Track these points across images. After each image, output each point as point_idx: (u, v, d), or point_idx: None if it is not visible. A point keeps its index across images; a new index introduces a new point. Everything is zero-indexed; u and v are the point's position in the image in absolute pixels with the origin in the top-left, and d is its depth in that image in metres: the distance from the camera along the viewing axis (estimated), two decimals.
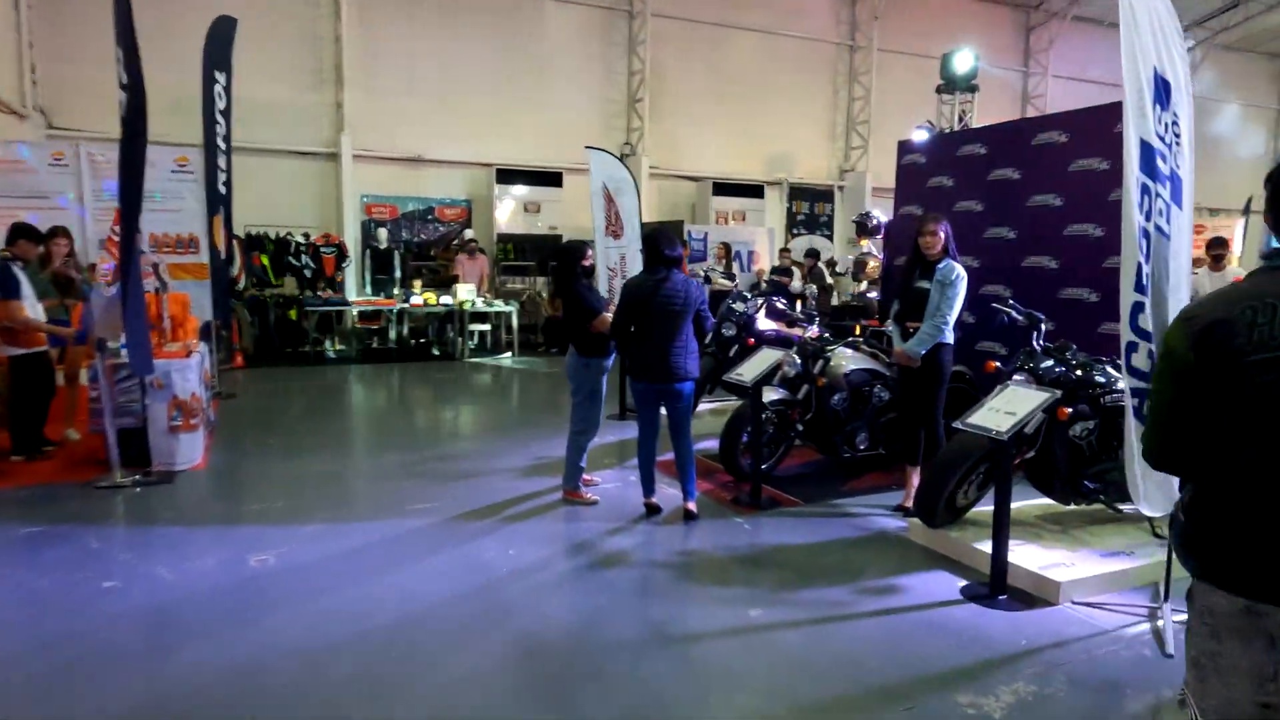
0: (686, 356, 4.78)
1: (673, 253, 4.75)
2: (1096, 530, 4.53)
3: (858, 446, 5.93)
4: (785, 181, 16.86)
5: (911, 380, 5.09)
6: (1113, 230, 5.79)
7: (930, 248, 4.95)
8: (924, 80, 17.76)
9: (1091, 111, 6.16)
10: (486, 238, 14.22)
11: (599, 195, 7.98)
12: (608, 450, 6.70)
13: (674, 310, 4.69)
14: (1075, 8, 19.12)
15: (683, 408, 4.88)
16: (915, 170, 7.47)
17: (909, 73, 17.73)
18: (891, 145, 17.55)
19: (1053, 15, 19.30)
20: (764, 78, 16.51)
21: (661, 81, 15.60)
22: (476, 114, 14.26)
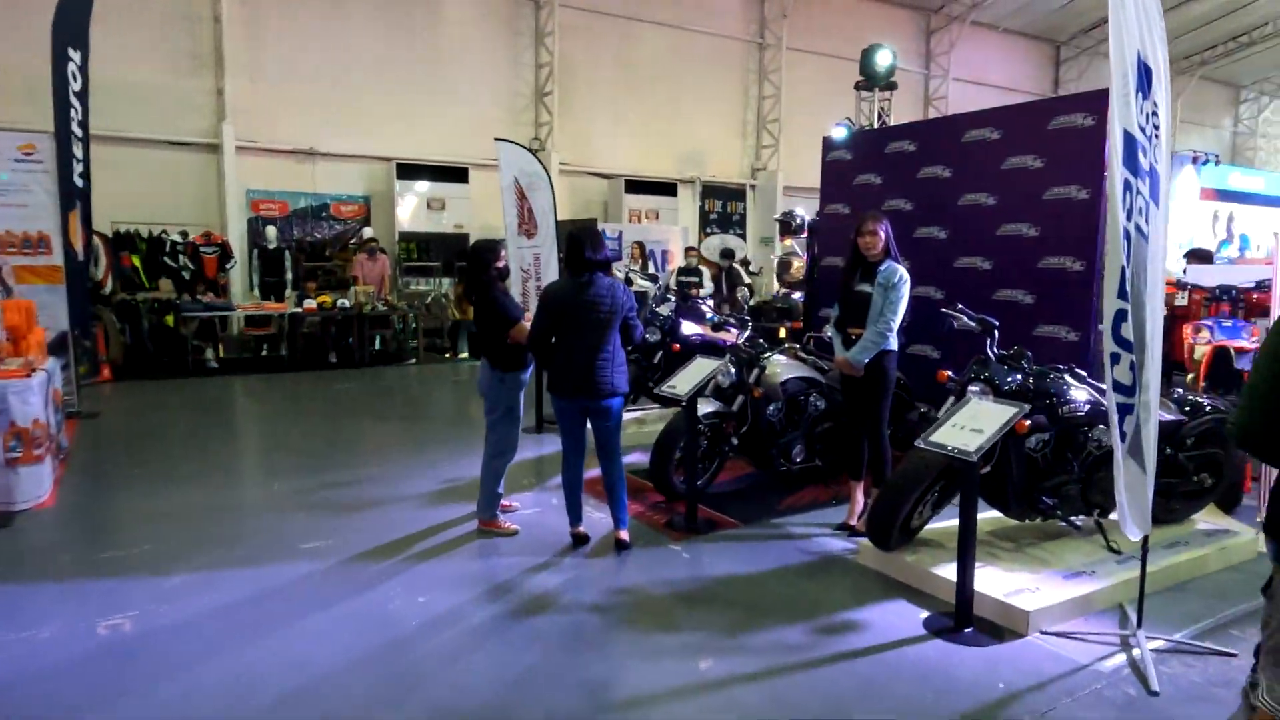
0: (614, 369, 4.30)
1: (598, 255, 4.27)
2: (1052, 547, 4.29)
3: (794, 459, 5.59)
4: (698, 180, 16.61)
5: (854, 390, 4.77)
6: (1047, 230, 5.65)
7: (870, 248, 4.64)
8: (833, 80, 17.85)
9: (1025, 108, 6.01)
10: (387, 236, 13.37)
11: (510, 191, 7.40)
12: (525, 468, 6.16)
13: (599, 317, 4.21)
14: (974, 12, 19.61)
15: (611, 426, 4.40)
16: (841, 167, 7.21)
17: (818, 72, 17.78)
18: (802, 144, 17.66)
19: (953, 19, 19.73)
20: (675, 74, 16.20)
21: (570, 75, 15.06)
22: (375, 105, 13.38)
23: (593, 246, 4.25)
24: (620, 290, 4.28)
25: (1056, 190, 5.55)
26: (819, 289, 7.63)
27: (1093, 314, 5.49)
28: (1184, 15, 20.62)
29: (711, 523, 4.96)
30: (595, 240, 4.29)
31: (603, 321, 4.21)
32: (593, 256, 4.23)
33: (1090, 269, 5.42)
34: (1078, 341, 5.47)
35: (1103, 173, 5.37)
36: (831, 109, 17.67)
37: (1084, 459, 4.17)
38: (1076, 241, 5.47)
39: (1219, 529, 4.63)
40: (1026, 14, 20.68)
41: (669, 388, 4.82)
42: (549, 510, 5.18)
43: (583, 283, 4.22)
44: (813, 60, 17.72)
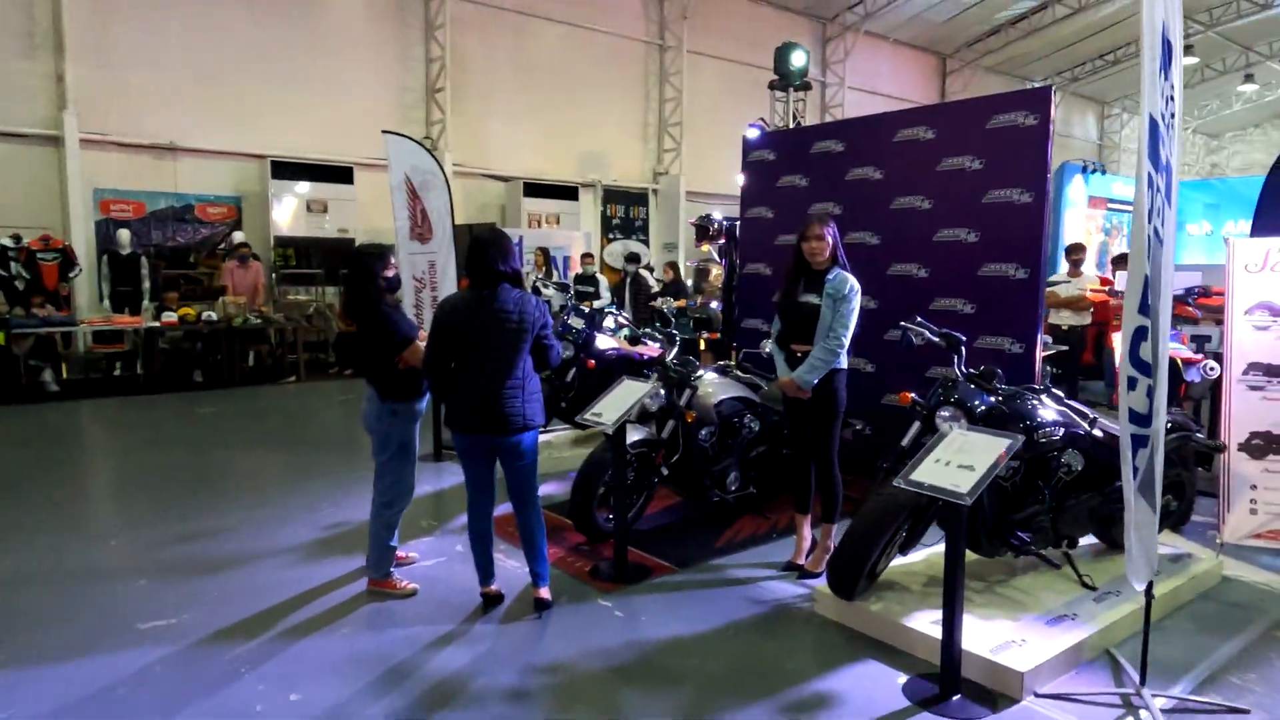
0: (525, 398, 3.62)
1: (508, 265, 3.59)
2: (1023, 585, 3.89)
3: (729, 488, 5.05)
4: (599, 183, 16.02)
5: (800, 414, 4.25)
6: (988, 235, 5.33)
7: (816, 255, 4.14)
8: (734, 85, 17.65)
9: (961, 106, 5.70)
10: (262, 241, 12.15)
11: (401, 190, 6.59)
12: (424, 507, 5.37)
13: (507, 337, 3.52)
14: (867, 22, 19.85)
15: (524, 467, 3.71)
16: (763, 168, 6.75)
17: (719, 77, 17.53)
18: (705, 149, 17.34)
19: (846, 29, 19.92)
20: (573, 73, 15.56)
21: (464, 71, 14.19)
22: (246, 97, 12.14)
23: (500, 253, 3.57)
24: (531, 304, 3.61)
25: (996, 193, 5.24)
26: (740, 297, 7.16)
27: (1037, 325, 5.20)
28: (1057, 34, 21.58)
29: (643, 568, 4.34)
30: (504, 246, 3.61)
31: (511, 342, 3.53)
32: (500, 266, 3.55)
33: (1034, 277, 5.12)
34: (1022, 354, 5.17)
35: (1046, 175, 5.08)
36: (734, 114, 17.48)
37: (1054, 486, 3.78)
38: (1019, 248, 5.16)
39: (1179, 552, 4.36)
40: (915, 26, 21.15)
41: (593, 416, 4.18)
42: (454, 560, 4.44)
43: (485, 296, 3.53)
44: (714, 64, 17.46)
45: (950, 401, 3.55)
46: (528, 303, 3.59)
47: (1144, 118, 2.40)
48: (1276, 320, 4.37)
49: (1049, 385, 3.69)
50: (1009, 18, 21.50)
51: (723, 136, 17.63)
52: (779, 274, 6.80)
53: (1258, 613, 3.87)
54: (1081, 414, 3.58)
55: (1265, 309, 4.40)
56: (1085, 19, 21.07)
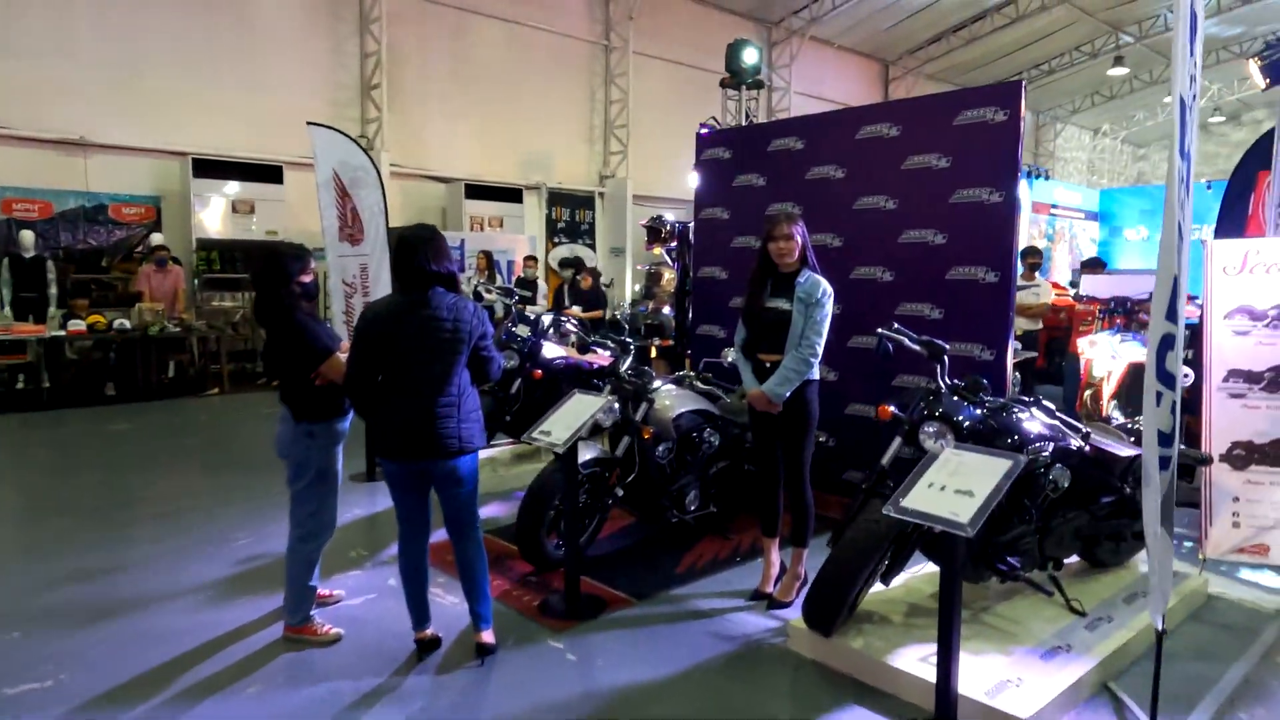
0: (462, 418, 3.18)
1: (440, 266, 3.16)
2: (1009, 612, 3.61)
3: (688, 508, 4.69)
4: (544, 186, 15.56)
5: (768, 429, 3.90)
6: (956, 237, 5.08)
7: (784, 256, 3.81)
8: (681, 88, 17.38)
9: (927, 102, 5.47)
10: (182, 244, 11.39)
11: (328, 187, 6.07)
12: (353, 533, 4.89)
13: (440, 347, 3.10)
14: (812, 27, 19.82)
15: (463, 495, 3.27)
16: (718, 167, 6.43)
17: (666, 79, 17.25)
18: (651, 152, 17.01)
19: (792, 33, 19.86)
20: (517, 73, 15.09)
21: (401, 68, 13.61)
22: (166, 90, 11.37)
23: (432, 253, 3.13)
24: (468, 310, 3.18)
25: (965, 193, 4.99)
26: (694, 302, 6.81)
27: (1009, 330, 4.97)
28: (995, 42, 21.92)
29: (598, 600, 3.93)
30: (435, 246, 3.17)
31: (444, 353, 3.10)
32: (433, 267, 3.12)
33: (1005, 280, 4.89)
34: (992, 361, 4.93)
35: (1017, 173, 4.86)
36: (681, 117, 17.19)
37: (1040, 504, 3.51)
38: (989, 250, 4.92)
39: None
40: (858, 32, 21.23)
41: (541, 434, 3.76)
42: (386, 596, 3.98)
43: (415, 301, 3.09)
44: (660, 66, 17.17)
45: (935, 416, 3.24)
46: (464, 309, 3.16)
47: (1175, 100, 2.11)
48: (1256, 325, 4.20)
49: (1039, 397, 3.42)
50: (950, 26, 21.77)
51: (670, 139, 17.35)
52: (736, 278, 6.51)
53: (1251, 636, 3.65)
54: (1074, 428, 3.30)
55: (1245, 313, 4.22)
56: (1022, 28, 21.43)
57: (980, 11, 21.08)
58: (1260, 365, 4.19)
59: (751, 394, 3.83)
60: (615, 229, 16.53)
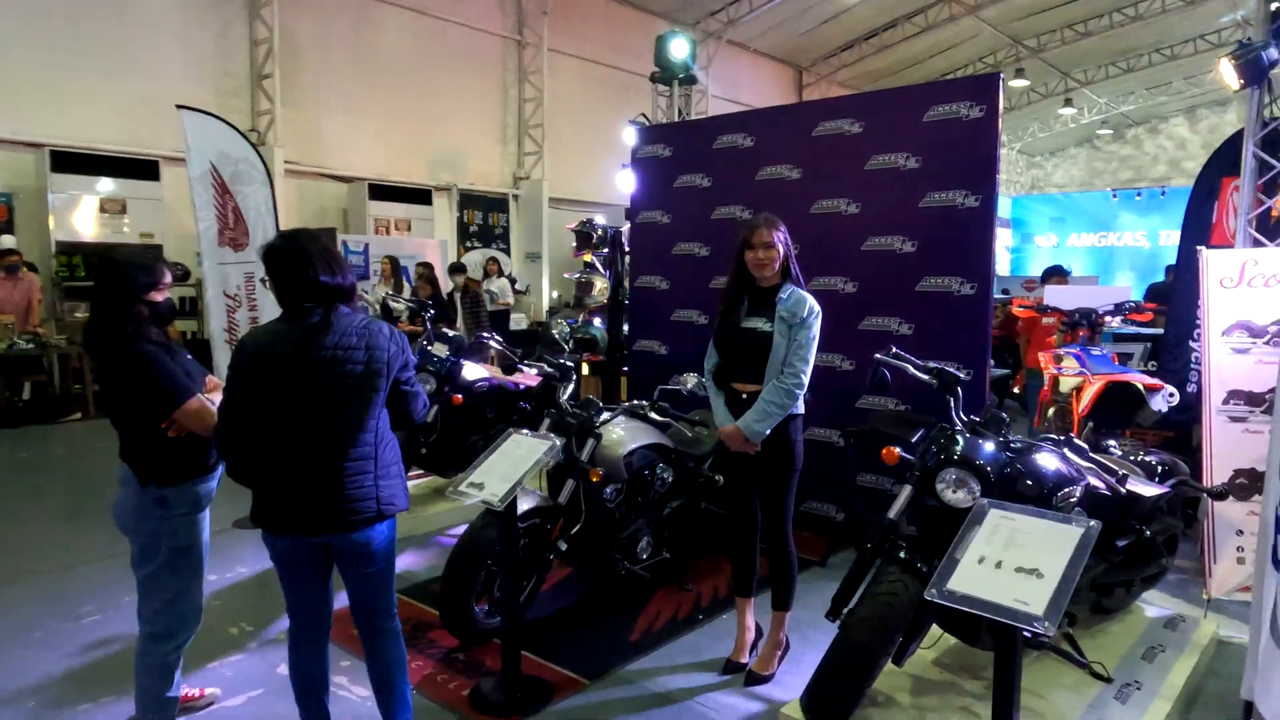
0: (380, 473, 2.45)
1: (336, 278, 2.42)
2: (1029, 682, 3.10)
3: (640, 556, 4.05)
4: (455, 187, 14.65)
5: (744, 472, 3.31)
6: (927, 244, 4.61)
7: (764, 268, 3.22)
8: (597, 88, 16.77)
9: (893, 95, 5.01)
10: (39, 248, 10.01)
11: (205, 182, 5.16)
12: (230, 601, 4.04)
13: (349, 386, 2.37)
14: (729, 30, 19.54)
15: (375, 576, 2.53)
16: (657, 166, 5.83)
17: (582, 78, 16.60)
18: (568, 153, 16.31)
19: (709, 35, 19.53)
20: (424, 67, 14.14)
21: (296, 58, 12.49)
22: (17, 73, 9.97)
23: (325, 262, 2.40)
24: (384, 335, 2.45)
25: (937, 196, 4.54)
26: (631, 315, 6.19)
27: (987, 347, 4.54)
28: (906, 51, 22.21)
29: (542, 684, 3.24)
30: (326, 252, 2.43)
31: (355, 393, 2.37)
32: (325, 278, 2.39)
33: (983, 292, 4.45)
34: (970, 381, 4.47)
35: (995, 175, 4.43)
36: (599, 118, 16.65)
37: None
38: (964, 259, 4.48)
39: (1168, 614, 3.75)
40: (773, 36, 21.14)
41: (472, 487, 3.04)
42: (276, 691, 3.18)
43: (313, 327, 2.36)
44: (576, 64, 16.51)
45: (954, 461, 2.70)
46: (378, 334, 2.43)
47: None
48: (1256, 342, 3.87)
49: (1069, 435, 2.93)
50: (862, 34, 21.94)
51: (588, 140, 16.72)
52: (679, 288, 5.92)
53: None
54: (1109, 470, 2.83)
55: (1243, 328, 3.90)
56: (931, 38, 21.75)
57: (891, 20, 21.32)
58: (1261, 386, 3.86)
59: (725, 431, 3.21)
60: (531, 233, 15.77)
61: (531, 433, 3.29)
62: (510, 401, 5.77)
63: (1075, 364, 5.14)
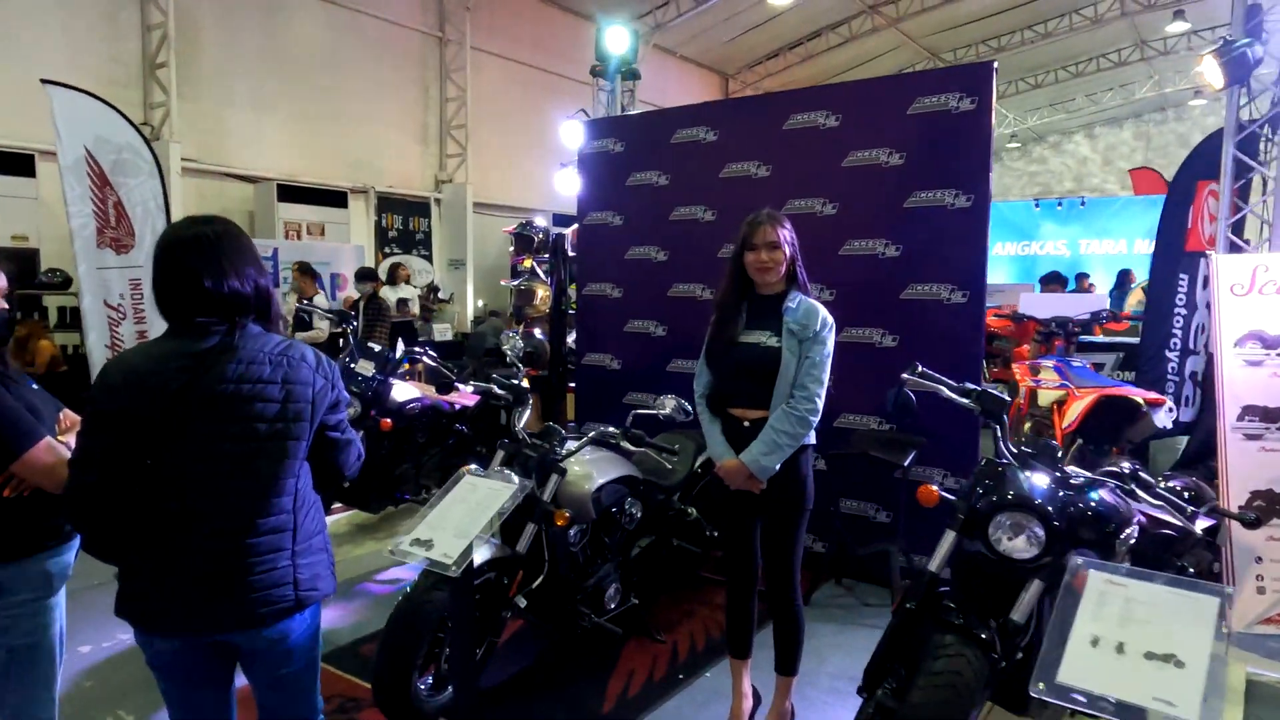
0: (300, 548, 1.83)
1: (246, 283, 1.81)
2: None
3: (608, 606, 3.50)
4: (372, 190, 13.78)
5: (745, 512, 2.80)
6: (913, 249, 4.23)
7: (767, 272, 2.74)
8: (522, 89, 16.13)
9: (874, 86, 4.64)
10: None
11: (77, 171, 4.35)
12: (107, 679, 3.29)
13: (261, 433, 1.75)
14: (656, 35, 19.14)
15: (294, 680, 1.90)
16: (607, 163, 5.30)
17: (506, 78, 15.94)
18: (494, 156, 15.59)
19: (636, 39, 19.14)
20: (338, 61, 13.26)
21: (195, 45, 11.47)
22: None
23: (230, 259, 1.79)
24: (307, 364, 1.84)
25: (923, 195, 4.16)
26: (579, 326, 5.63)
27: (979, 362, 4.17)
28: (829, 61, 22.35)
29: None
30: (233, 247, 1.82)
31: (270, 442, 1.76)
32: (229, 283, 1.77)
33: (976, 301, 4.09)
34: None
35: (988, 173, 4.07)
36: (526, 120, 16.07)
37: None
38: (955, 265, 4.11)
39: None
40: (700, 43, 20.95)
41: (417, 544, 2.44)
42: None
43: (208, 354, 1.74)
44: (500, 64, 15.84)
45: (1011, 503, 2.25)
46: (300, 362, 1.82)
47: None
48: (1270, 354, 3.60)
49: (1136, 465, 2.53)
50: (787, 43, 22.00)
51: (514, 143, 16.07)
52: (633, 297, 5.39)
53: None
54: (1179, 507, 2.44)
55: (1256, 339, 3.62)
56: (853, 49, 21.96)
57: (816, 30, 21.43)
58: (1277, 400, 3.58)
59: (725, 467, 2.70)
60: (454, 239, 15.00)
61: (487, 471, 2.71)
62: (445, 424, 5.15)
63: (1056, 376, 4.85)
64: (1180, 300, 5.08)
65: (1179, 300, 5.09)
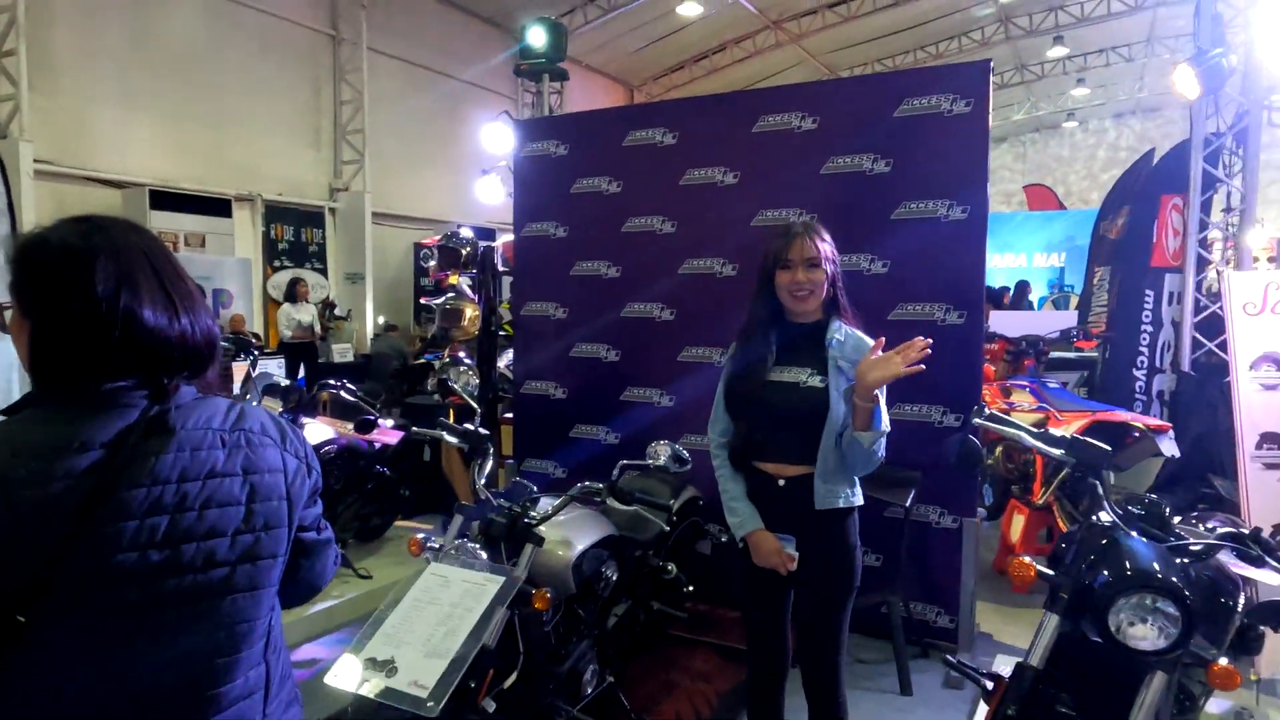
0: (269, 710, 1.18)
1: (171, 320, 1.14)
2: None
3: (585, 690, 2.92)
4: (259, 198, 12.64)
5: (775, 586, 2.28)
6: (902, 264, 3.84)
7: (803, 298, 2.24)
8: (423, 94, 15.25)
9: (858, 85, 4.27)
10: None
11: None
12: None
13: (214, 554, 1.09)
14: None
15: None
16: (549, 167, 4.72)
17: (407, 82, 15.04)
18: (395, 163, 14.71)
19: None
20: (219, 56, 12.11)
21: (49, 32, 10.17)
22: None
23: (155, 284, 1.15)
24: (271, 444, 1.19)
25: (914, 206, 3.78)
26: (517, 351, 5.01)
27: (978, 387, 3.82)
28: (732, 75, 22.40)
29: None
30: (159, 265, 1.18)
31: (234, 571, 1.11)
32: (153, 319, 1.12)
33: (973, 321, 3.73)
34: (959, 427, 3.74)
35: (985, 182, 3.73)
36: (428, 127, 15.30)
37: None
38: (950, 281, 3.74)
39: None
40: (605, 52, 20.59)
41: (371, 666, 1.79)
42: None
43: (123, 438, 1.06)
44: (401, 68, 14.94)
45: (1132, 581, 1.81)
46: (260, 439, 1.19)
47: None
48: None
49: (1258, 529, 2.16)
50: (692, 55, 21.94)
51: (417, 151, 15.22)
52: (580, 317, 4.78)
53: None
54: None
55: (1271, 362, 3.41)
56: (756, 64, 22.09)
57: (720, 44, 21.45)
58: None
59: (757, 539, 2.17)
60: (352, 251, 13.99)
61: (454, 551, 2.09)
62: (364, 466, 4.44)
63: (1031, 398, 4.58)
64: (1146, 317, 4.94)
65: (1145, 317, 4.94)
